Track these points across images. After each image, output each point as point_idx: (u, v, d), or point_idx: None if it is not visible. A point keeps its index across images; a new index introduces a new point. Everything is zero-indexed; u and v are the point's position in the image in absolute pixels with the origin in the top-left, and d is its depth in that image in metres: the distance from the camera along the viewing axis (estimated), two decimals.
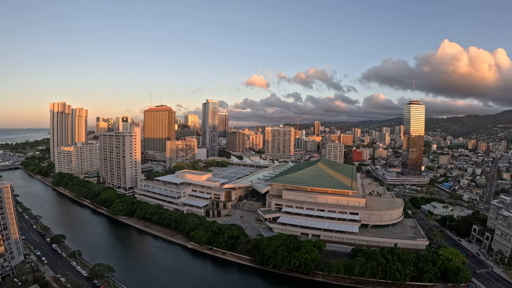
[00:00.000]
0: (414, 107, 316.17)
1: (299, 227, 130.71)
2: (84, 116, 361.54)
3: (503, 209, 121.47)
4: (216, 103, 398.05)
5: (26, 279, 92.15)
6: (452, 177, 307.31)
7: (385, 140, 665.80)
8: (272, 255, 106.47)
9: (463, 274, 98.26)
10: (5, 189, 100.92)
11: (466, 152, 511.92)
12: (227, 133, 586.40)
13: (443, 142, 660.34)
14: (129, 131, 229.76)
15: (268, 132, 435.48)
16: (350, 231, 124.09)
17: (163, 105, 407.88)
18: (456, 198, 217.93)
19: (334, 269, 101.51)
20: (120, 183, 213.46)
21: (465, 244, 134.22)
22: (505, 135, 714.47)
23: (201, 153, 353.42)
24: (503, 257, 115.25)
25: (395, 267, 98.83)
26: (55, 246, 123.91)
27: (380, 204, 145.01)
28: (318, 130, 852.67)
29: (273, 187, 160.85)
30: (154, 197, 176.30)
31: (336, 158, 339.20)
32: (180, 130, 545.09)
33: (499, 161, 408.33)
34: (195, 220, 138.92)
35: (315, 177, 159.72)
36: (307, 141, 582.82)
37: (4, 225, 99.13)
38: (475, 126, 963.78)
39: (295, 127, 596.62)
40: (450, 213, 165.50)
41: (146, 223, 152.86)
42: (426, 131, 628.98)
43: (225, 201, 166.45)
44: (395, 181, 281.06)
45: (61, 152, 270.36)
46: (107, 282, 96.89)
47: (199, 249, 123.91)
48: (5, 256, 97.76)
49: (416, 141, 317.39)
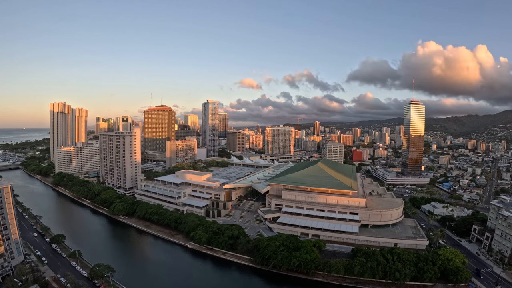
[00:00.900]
0: (414, 107, 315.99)
1: (299, 227, 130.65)
2: (84, 116, 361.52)
3: (503, 209, 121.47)
4: (216, 103, 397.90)
5: (26, 279, 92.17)
6: (452, 177, 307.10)
7: (385, 140, 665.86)
8: (272, 255, 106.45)
9: (463, 274, 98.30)
10: (5, 189, 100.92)
11: (466, 152, 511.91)
12: (227, 133, 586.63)
13: (443, 142, 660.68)
14: (129, 131, 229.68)
15: (268, 132, 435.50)
16: (350, 231, 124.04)
17: (163, 105, 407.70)
18: (456, 198, 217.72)
19: (334, 269, 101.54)
20: (120, 183, 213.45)
21: (465, 244, 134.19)
22: (505, 135, 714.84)
23: (201, 153, 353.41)
24: (503, 257, 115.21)
25: (395, 267, 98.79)
26: (55, 246, 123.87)
27: (380, 204, 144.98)
28: (318, 130, 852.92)
29: (273, 187, 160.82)
30: (154, 197, 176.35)
31: (336, 158, 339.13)
32: (180, 130, 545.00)
33: (499, 161, 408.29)
34: (195, 220, 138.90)
35: (315, 177, 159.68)
36: (307, 141, 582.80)
37: (4, 225, 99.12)
38: (475, 126, 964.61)
39: (295, 127, 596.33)
40: (450, 213, 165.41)
41: (146, 223, 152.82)
42: (426, 131, 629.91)
43: (225, 201, 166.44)
44: (395, 181, 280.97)
45: (61, 152, 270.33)
46: (107, 282, 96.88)
47: (199, 249, 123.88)
48: (5, 256, 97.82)
49: (416, 141, 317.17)
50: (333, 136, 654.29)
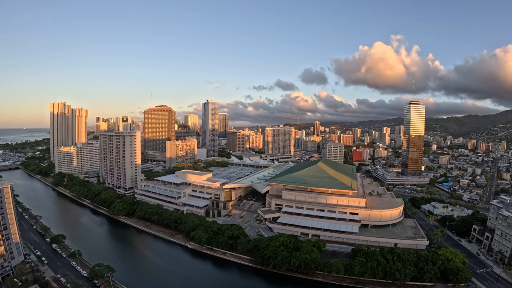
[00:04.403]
0: (414, 107, 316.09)
1: (299, 227, 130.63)
2: (84, 116, 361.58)
3: (503, 209, 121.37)
4: (216, 103, 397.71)
5: (26, 279, 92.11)
6: (452, 177, 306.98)
7: (385, 140, 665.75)
8: (272, 255, 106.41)
9: (463, 274, 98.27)
10: (5, 189, 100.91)
11: (466, 152, 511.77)
12: (227, 133, 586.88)
13: (443, 142, 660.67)
14: (129, 131, 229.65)
15: (268, 132, 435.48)
16: (350, 231, 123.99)
17: (163, 105, 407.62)
18: (456, 198, 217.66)
19: (334, 269, 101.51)
20: (120, 183, 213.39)
21: (465, 244, 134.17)
22: (505, 135, 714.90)
23: (201, 153, 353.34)
24: (503, 257, 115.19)
25: (395, 267, 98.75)
26: (55, 246, 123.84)
27: (380, 204, 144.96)
28: (318, 130, 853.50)
29: (273, 187, 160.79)
30: (154, 197, 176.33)
31: (336, 158, 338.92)
32: (180, 130, 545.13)
33: (499, 161, 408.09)
34: (195, 220, 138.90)
35: (315, 177, 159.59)
36: (307, 141, 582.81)
37: (4, 225, 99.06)
38: (475, 126, 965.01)
39: (295, 127, 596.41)
40: (450, 213, 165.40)
41: (146, 223, 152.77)
42: (426, 131, 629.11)
43: (225, 201, 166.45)
44: (395, 181, 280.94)
45: (61, 152, 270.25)
46: (107, 282, 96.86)
47: (199, 249, 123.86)
48: (5, 256, 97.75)
49: (416, 141, 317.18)
50: (333, 136, 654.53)
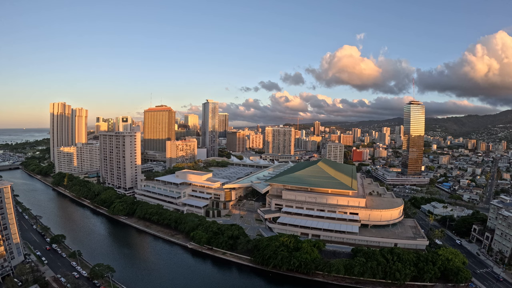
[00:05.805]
0: (414, 107, 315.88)
1: (299, 227, 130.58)
2: (84, 116, 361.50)
3: (503, 209, 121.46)
4: (216, 103, 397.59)
5: (26, 279, 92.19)
6: (452, 177, 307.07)
7: (385, 140, 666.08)
8: (272, 255, 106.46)
9: (463, 274, 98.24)
10: (5, 189, 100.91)
11: (466, 152, 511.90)
12: (227, 133, 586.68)
13: (443, 142, 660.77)
14: (129, 131, 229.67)
15: (268, 132, 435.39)
16: (350, 231, 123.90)
17: (163, 105, 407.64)
18: (456, 198, 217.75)
19: (334, 269, 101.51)
20: (120, 183, 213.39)
21: (465, 244, 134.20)
22: (505, 135, 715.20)
23: (201, 153, 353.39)
24: (503, 257, 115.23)
25: (395, 267, 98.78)
26: (55, 246, 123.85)
27: (380, 204, 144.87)
28: (318, 130, 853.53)
29: (273, 187, 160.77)
30: (154, 197, 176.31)
31: (336, 158, 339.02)
32: (180, 130, 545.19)
33: (499, 161, 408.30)
34: (195, 220, 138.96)
35: (315, 177, 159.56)
36: (307, 141, 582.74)
37: (4, 225, 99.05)
38: (475, 126, 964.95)
39: (295, 127, 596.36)
40: (450, 213, 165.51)
41: (146, 223, 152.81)
42: (426, 131, 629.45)
43: (225, 201, 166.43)
44: (395, 181, 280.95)
45: (61, 152, 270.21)
46: (107, 282, 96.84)
47: (199, 249, 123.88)
48: (5, 256, 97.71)
49: (416, 141, 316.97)
50: (333, 136, 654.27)
